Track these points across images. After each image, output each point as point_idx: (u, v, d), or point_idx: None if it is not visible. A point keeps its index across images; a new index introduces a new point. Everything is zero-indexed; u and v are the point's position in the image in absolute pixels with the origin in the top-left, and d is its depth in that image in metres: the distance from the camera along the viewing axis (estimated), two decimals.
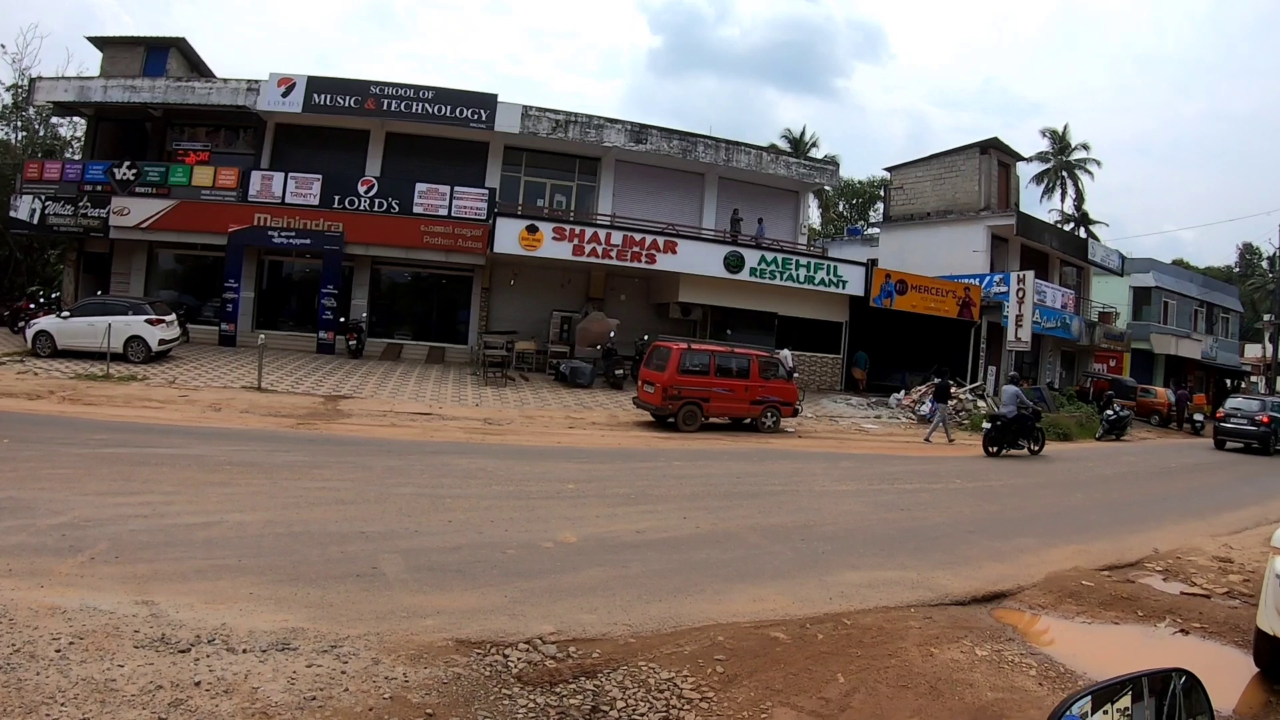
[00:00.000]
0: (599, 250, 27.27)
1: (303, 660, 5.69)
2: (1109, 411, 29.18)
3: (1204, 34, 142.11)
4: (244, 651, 5.76)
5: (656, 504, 11.96)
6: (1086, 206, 61.70)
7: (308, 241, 28.17)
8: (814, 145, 60.58)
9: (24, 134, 40.08)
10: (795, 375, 27.04)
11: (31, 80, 32.85)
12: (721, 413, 21.33)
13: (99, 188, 28.45)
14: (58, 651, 5.49)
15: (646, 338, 26.62)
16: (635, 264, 27.77)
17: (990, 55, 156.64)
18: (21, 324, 26.37)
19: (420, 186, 28.79)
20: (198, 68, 33.83)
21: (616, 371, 26.79)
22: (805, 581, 8.72)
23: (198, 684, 5.21)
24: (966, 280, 33.76)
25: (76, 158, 34.46)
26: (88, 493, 9.89)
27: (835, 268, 30.39)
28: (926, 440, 23.16)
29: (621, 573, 8.44)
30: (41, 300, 29.73)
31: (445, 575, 7.86)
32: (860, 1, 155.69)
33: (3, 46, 57.39)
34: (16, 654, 5.40)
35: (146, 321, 22.95)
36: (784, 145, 58.21)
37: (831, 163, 41.31)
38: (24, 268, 37.56)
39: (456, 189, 28.88)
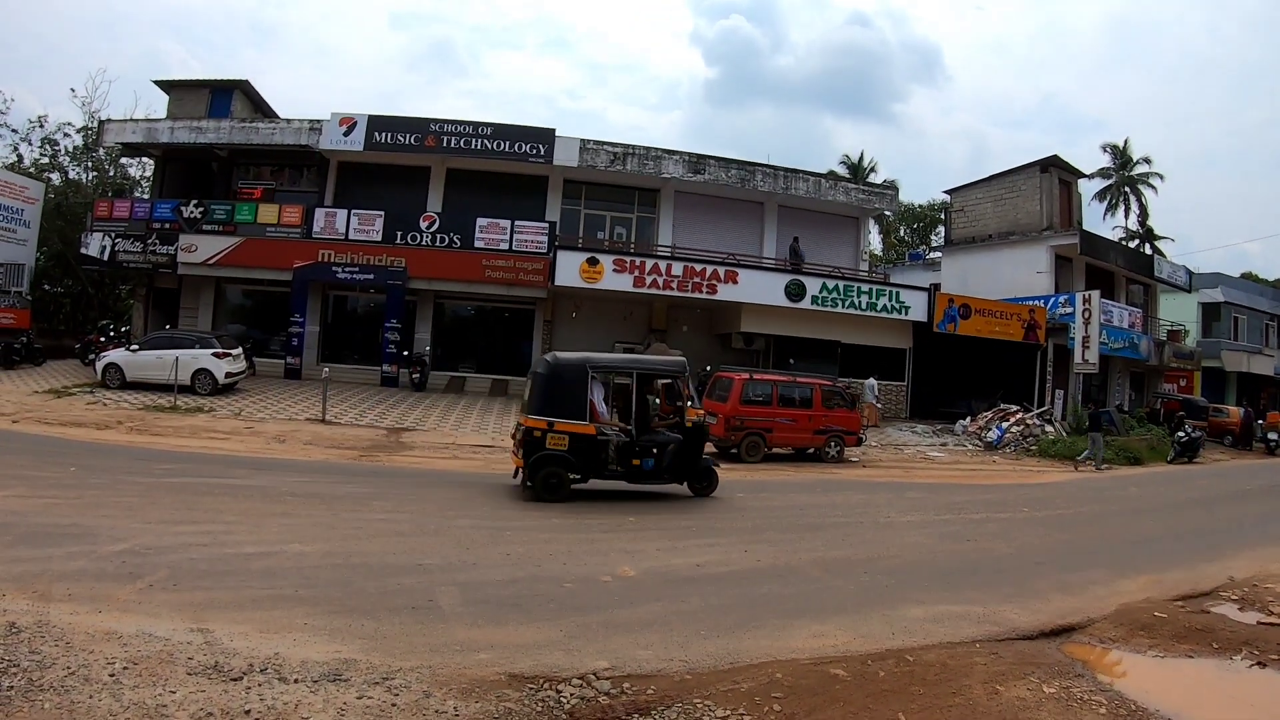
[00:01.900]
0: (660, 281, 27.26)
1: (354, 691, 5.67)
2: (1180, 433, 28.48)
3: (1262, 37, 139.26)
4: (295, 681, 5.76)
5: (717, 537, 11.81)
6: (1151, 222, 60.60)
7: (371, 277, 28.51)
8: (873, 170, 60.14)
9: (94, 174, 41.54)
10: (879, 405, 27.19)
11: (101, 123, 33.99)
12: (785, 443, 21.14)
13: (167, 225, 29.10)
14: (111, 675, 5.55)
15: (709, 368, 26.46)
16: (696, 294, 27.69)
17: (1049, 72, 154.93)
18: (92, 356, 26.99)
19: (481, 221, 28.97)
20: (261, 108, 34.46)
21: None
22: (868, 617, 8.54)
23: (247, 712, 5.22)
24: (1031, 302, 33.30)
25: (145, 196, 35.20)
26: (150, 521, 10.05)
27: (897, 294, 30.12)
28: (1076, 469, 23.67)
29: (680, 608, 8.32)
30: (111, 334, 30.26)
31: (501, 609, 7.81)
32: (915, 24, 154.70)
33: (73, 90, 59.84)
34: (71, 676, 5.47)
35: (213, 355, 23.39)
36: (843, 171, 57.96)
37: (891, 187, 40.91)
38: (95, 302, 38.58)
39: (517, 223, 29.05)
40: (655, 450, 14.28)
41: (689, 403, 14.75)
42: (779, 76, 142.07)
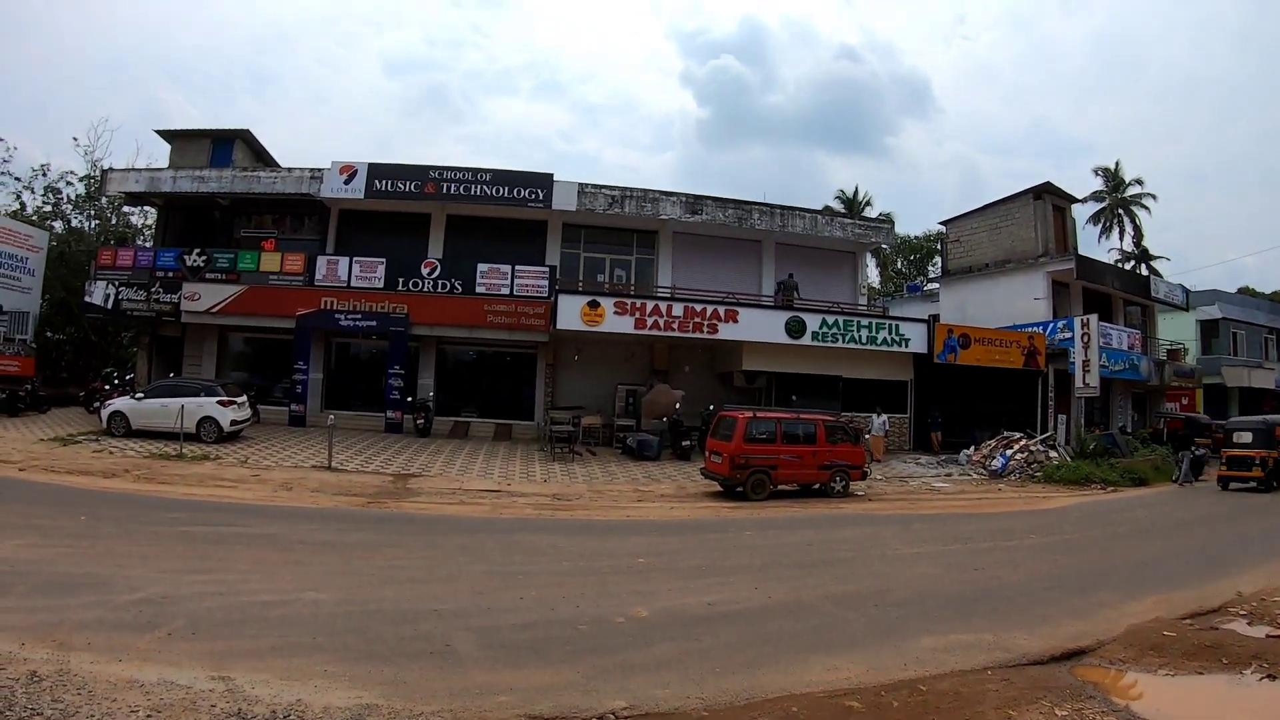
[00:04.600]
0: (660, 323, 27.27)
1: None
2: (1184, 453, 28.56)
3: (1243, 52, 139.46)
4: None
5: (727, 575, 11.80)
6: (1145, 242, 60.63)
7: (374, 323, 28.70)
8: (868, 204, 60.50)
9: (97, 222, 42.01)
10: (887, 438, 27.74)
11: (103, 172, 34.42)
12: (790, 479, 20.99)
13: (170, 274, 29.42)
14: None
15: (712, 407, 26.29)
16: (697, 335, 27.69)
17: (1037, 97, 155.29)
18: (97, 404, 27.25)
19: (482, 266, 29.24)
20: (262, 157, 34.80)
21: (683, 443, 26.57)
22: (880, 649, 8.59)
23: None
24: (1030, 329, 33.43)
25: (148, 245, 35.53)
26: (164, 570, 10.09)
27: (897, 326, 30.13)
28: (1179, 485, 26.44)
29: (694, 646, 8.35)
30: (115, 381, 30.52)
31: (518, 652, 7.84)
32: (904, 56, 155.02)
33: (75, 139, 60.44)
34: None
35: (218, 403, 23.51)
36: (838, 207, 58.25)
37: (887, 221, 40.93)
38: (99, 350, 38.95)
39: (517, 268, 29.34)
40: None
41: None
42: (771, 114, 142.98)
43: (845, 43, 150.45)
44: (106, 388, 29.47)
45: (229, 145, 33.07)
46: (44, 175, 40.64)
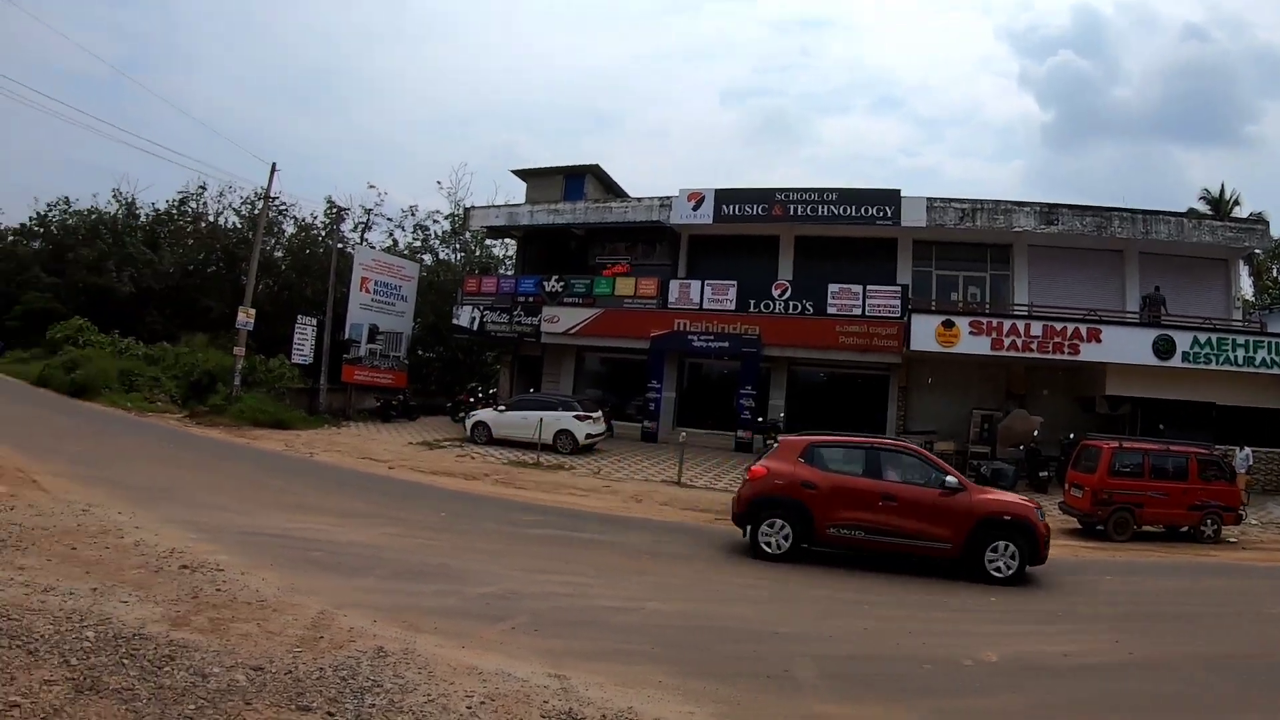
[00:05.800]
0: (1018, 343, 25.89)
1: None
2: None
3: None
4: None
5: (1084, 623, 10.88)
6: None
7: (725, 345, 29.21)
8: (1236, 203, 53.88)
9: (461, 254, 47.55)
10: (1250, 473, 24.65)
11: (466, 210, 38.65)
12: (1155, 519, 19.06)
13: (530, 298, 31.75)
14: (469, 708, 5.78)
15: (1072, 436, 24.64)
16: (1057, 355, 26.03)
17: None
18: (462, 414, 29.87)
19: (832, 287, 28.96)
20: (611, 188, 36.77)
21: (1041, 473, 25.03)
22: None
23: None
24: None
25: (509, 273, 38.99)
26: (514, 568, 10.62)
27: (1277, 345, 26.49)
28: None
29: (1042, 700, 7.65)
30: (480, 394, 33.48)
31: (857, 685, 7.52)
32: (1255, 30, 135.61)
33: (439, 183, 67.54)
34: (430, 704, 5.75)
35: (575, 417, 25.16)
36: (1202, 208, 52.89)
37: (1260, 221, 36.70)
38: (464, 366, 43.39)
39: (869, 287, 28.82)
40: None
41: None
42: (1118, 109, 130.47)
43: (1189, 21, 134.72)
44: (471, 400, 32.32)
45: (580, 180, 35.33)
46: (412, 215, 46.78)
